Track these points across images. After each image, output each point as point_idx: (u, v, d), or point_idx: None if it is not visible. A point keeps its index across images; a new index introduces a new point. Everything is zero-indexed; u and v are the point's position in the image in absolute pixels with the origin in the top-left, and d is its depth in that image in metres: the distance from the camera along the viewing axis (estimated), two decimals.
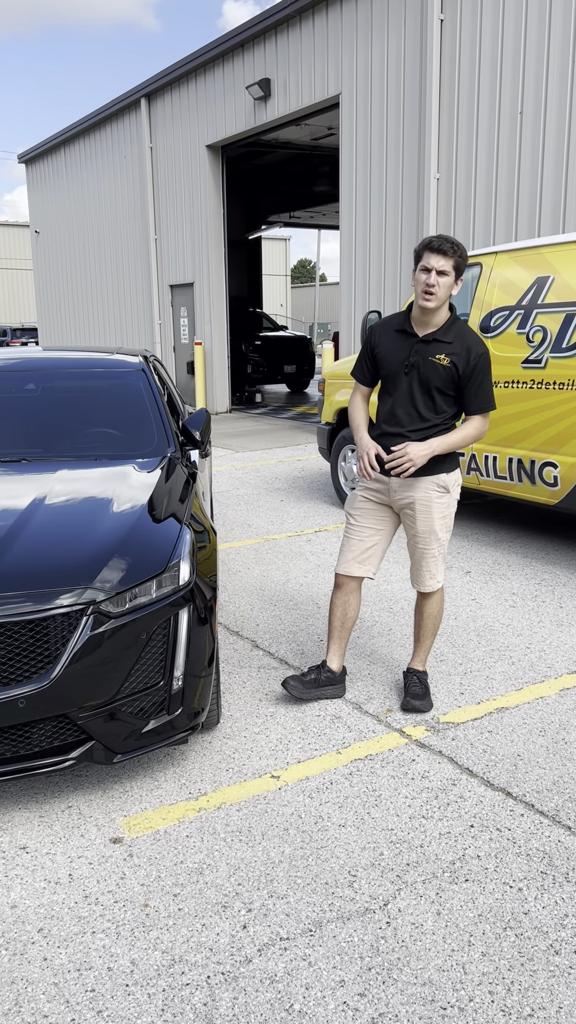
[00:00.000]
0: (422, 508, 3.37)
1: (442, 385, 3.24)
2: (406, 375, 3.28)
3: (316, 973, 2.17)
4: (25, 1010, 2.07)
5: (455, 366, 3.21)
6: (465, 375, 3.22)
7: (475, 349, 3.22)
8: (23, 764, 2.73)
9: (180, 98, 14.56)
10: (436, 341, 3.23)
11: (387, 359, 3.34)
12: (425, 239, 3.17)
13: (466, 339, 3.24)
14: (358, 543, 3.51)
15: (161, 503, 3.33)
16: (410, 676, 3.63)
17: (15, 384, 4.38)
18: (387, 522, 3.50)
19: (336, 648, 3.63)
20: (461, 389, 3.26)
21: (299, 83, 11.62)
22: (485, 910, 2.38)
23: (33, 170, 20.67)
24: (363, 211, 10.90)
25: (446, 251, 3.10)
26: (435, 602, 3.56)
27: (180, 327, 15.85)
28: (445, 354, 3.21)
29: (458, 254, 3.12)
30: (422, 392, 3.27)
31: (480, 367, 3.23)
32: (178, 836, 2.74)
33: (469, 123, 9.20)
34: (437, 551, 3.45)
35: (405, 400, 3.30)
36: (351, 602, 3.59)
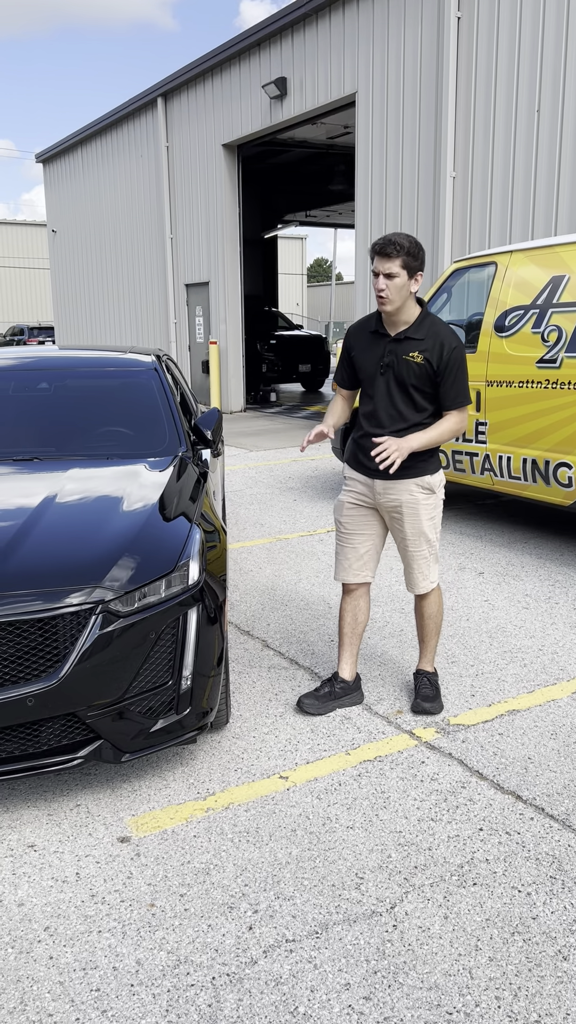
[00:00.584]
0: (409, 511, 3.35)
1: (418, 383, 3.22)
2: (382, 375, 3.27)
3: (321, 976, 2.16)
4: (30, 1008, 2.07)
5: (429, 362, 3.19)
6: (439, 370, 3.20)
7: (448, 344, 3.19)
8: (32, 762, 2.74)
9: (196, 97, 14.58)
10: (408, 339, 3.22)
11: (363, 361, 3.33)
12: (373, 242, 3.15)
13: (439, 334, 3.21)
14: (351, 551, 3.50)
15: (171, 502, 3.32)
16: (420, 678, 3.61)
17: (28, 383, 4.39)
18: (377, 525, 3.48)
19: (348, 656, 3.60)
20: (436, 385, 3.24)
21: (315, 82, 11.60)
22: (493, 914, 2.36)
23: (50, 170, 20.76)
24: (379, 210, 10.87)
25: (389, 253, 3.07)
26: (433, 602, 3.53)
27: (195, 326, 15.87)
28: (418, 351, 3.20)
29: (404, 252, 3.06)
30: (399, 391, 3.26)
31: (454, 361, 3.20)
32: (185, 836, 2.74)
33: (486, 121, 9.15)
34: (428, 552, 3.42)
35: (384, 400, 3.29)
36: (361, 607, 3.57)
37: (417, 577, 3.47)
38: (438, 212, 9.84)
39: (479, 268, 6.10)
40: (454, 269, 6.34)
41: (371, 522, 3.47)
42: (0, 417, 4.20)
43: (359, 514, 3.46)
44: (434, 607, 3.54)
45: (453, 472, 6.22)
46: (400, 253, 3.06)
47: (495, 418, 5.72)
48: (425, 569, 3.45)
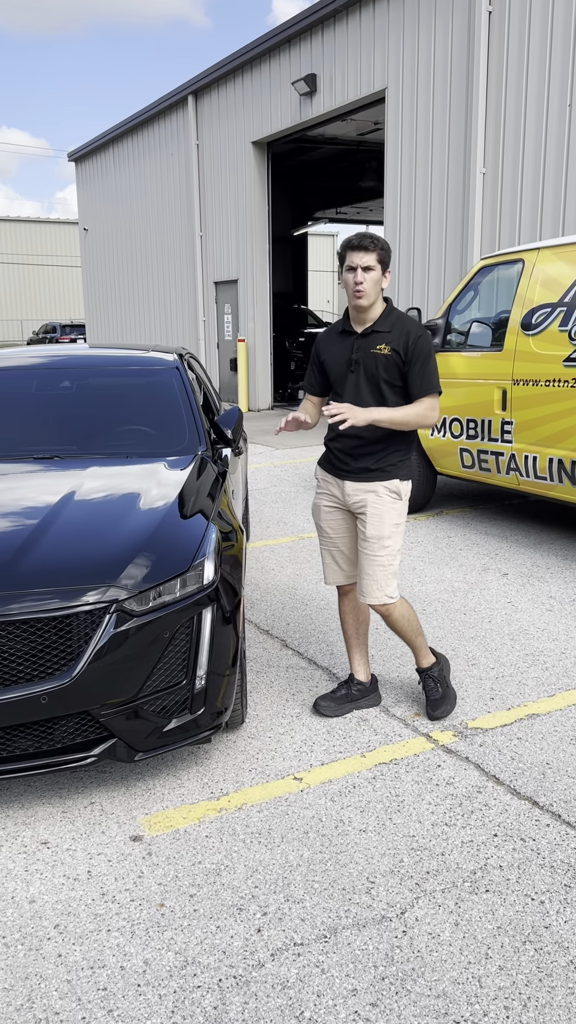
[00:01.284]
0: (374, 512, 3.27)
1: (388, 376, 3.19)
2: (352, 372, 3.24)
3: (328, 980, 2.14)
4: (37, 1006, 2.08)
5: (396, 352, 3.17)
6: (407, 360, 3.17)
7: (413, 333, 3.18)
8: (46, 760, 2.75)
9: (226, 95, 14.59)
10: (374, 333, 3.20)
11: (332, 363, 3.32)
12: (345, 240, 3.14)
13: (404, 325, 3.20)
14: (337, 552, 3.47)
15: (189, 501, 3.32)
16: (424, 678, 3.52)
17: (51, 382, 4.42)
18: (355, 525, 3.41)
19: (359, 657, 3.58)
20: (405, 376, 3.20)
21: (345, 78, 11.55)
22: (505, 922, 2.33)
23: (82, 168, 20.91)
24: (408, 207, 10.80)
25: (367, 246, 3.08)
26: (399, 617, 3.38)
27: (224, 324, 15.89)
28: (385, 343, 3.18)
29: (379, 247, 3.10)
30: (369, 387, 3.22)
31: (420, 349, 3.16)
32: (197, 836, 2.73)
33: (516, 117, 9.04)
34: (387, 560, 3.27)
35: (352, 397, 3.25)
36: (359, 606, 3.54)
37: (370, 585, 3.29)
38: (467, 209, 9.75)
39: (506, 265, 6.03)
40: (481, 266, 6.28)
41: (350, 523, 3.42)
42: (23, 415, 4.23)
43: (337, 516, 3.43)
44: (402, 621, 3.40)
45: (478, 472, 6.16)
46: (376, 247, 3.09)
47: (521, 417, 5.65)
48: (380, 577, 3.28)
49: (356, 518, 3.37)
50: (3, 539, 2.95)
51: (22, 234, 45.56)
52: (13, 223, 45.65)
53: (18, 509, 3.20)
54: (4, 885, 2.52)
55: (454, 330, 6.41)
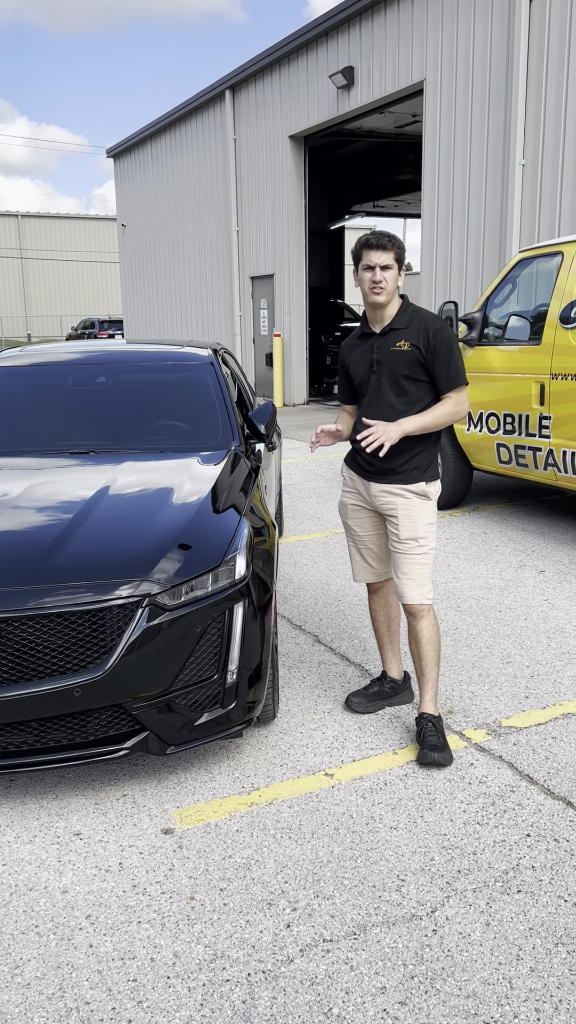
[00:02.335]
0: (405, 514, 3.19)
1: (410, 372, 3.14)
2: (374, 373, 3.20)
3: (357, 978, 2.14)
4: (68, 995, 2.10)
5: (417, 348, 3.12)
6: (429, 354, 3.11)
7: (432, 326, 3.13)
8: (79, 752, 2.78)
9: (264, 89, 14.56)
10: (392, 331, 3.16)
11: (355, 367, 3.28)
12: (360, 239, 3.10)
13: (421, 320, 3.15)
14: (366, 551, 3.42)
15: (221, 496, 3.33)
16: (424, 723, 3.19)
17: (86, 377, 4.45)
18: (381, 522, 3.36)
19: (391, 655, 3.55)
20: (429, 370, 3.15)
21: (383, 70, 11.46)
22: (537, 923, 2.30)
23: (121, 164, 21.04)
24: (446, 199, 10.69)
25: (385, 245, 3.05)
26: (427, 627, 3.22)
27: (260, 319, 15.89)
28: (404, 339, 3.14)
29: (396, 246, 3.08)
30: (391, 385, 3.18)
31: (441, 341, 3.11)
32: (228, 830, 2.74)
33: (557, 107, 8.90)
34: (424, 559, 3.19)
35: (378, 399, 3.21)
36: (390, 603, 3.51)
37: (407, 584, 3.19)
38: (506, 201, 9.62)
39: (545, 258, 5.94)
40: (519, 259, 6.19)
41: (377, 521, 3.36)
42: (59, 410, 4.27)
43: (364, 515, 3.38)
44: (428, 632, 3.22)
45: (515, 467, 6.09)
46: (394, 246, 3.06)
47: (560, 412, 5.57)
48: (418, 576, 3.19)
49: (384, 518, 3.32)
50: (38, 533, 2.98)
51: (61, 230, 46.03)
52: (52, 219, 46.15)
53: (53, 504, 3.24)
54: (37, 875, 2.55)
55: (491, 323, 6.33)
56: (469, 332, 6.37)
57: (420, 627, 3.23)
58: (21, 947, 2.27)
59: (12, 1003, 2.08)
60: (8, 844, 2.70)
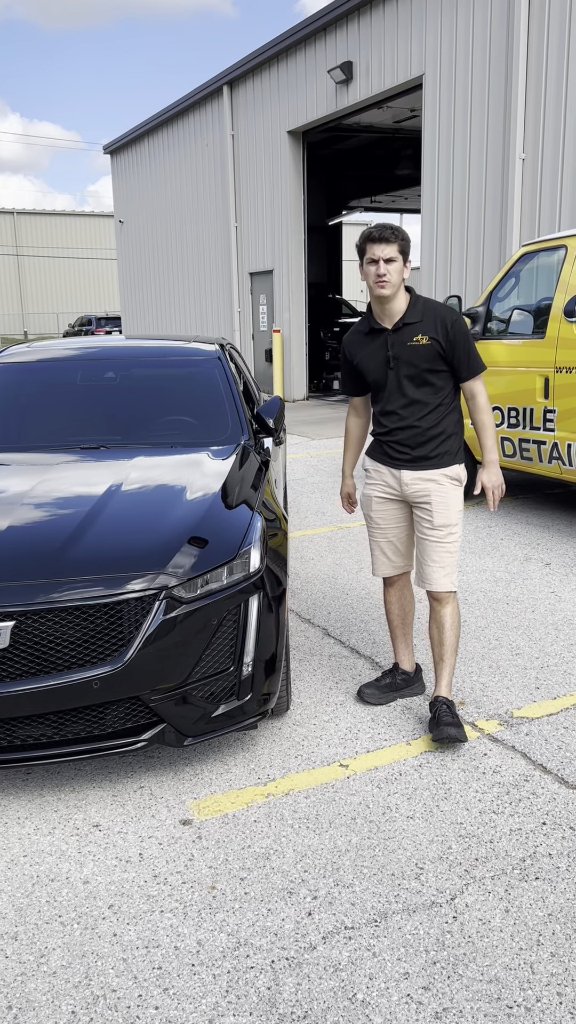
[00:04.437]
0: (439, 501, 3.23)
1: (430, 364, 3.16)
2: (392, 370, 3.20)
3: (380, 964, 2.16)
4: (95, 983, 2.12)
5: (436, 340, 3.13)
6: (448, 346, 3.14)
7: (448, 317, 3.15)
8: (97, 744, 2.80)
9: (262, 84, 14.55)
10: (407, 325, 3.16)
11: (366, 364, 3.27)
12: (364, 232, 3.10)
13: (435, 312, 3.17)
14: (387, 544, 3.43)
15: (233, 491, 3.35)
16: (438, 704, 3.26)
17: (95, 373, 4.46)
18: (408, 515, 3.39)
19: (403, 647, 3.57)
20: (449, 361, 3.17)
21: (381, 65, 11.46)
22: (556, 910, 2.33)
23: (118, 160, 21.00)
24: (445, 194, 10.70)
25: (388, 238, 3.04)
26: (451, 611, 3.28)
27: (259, 314, 15.89)
28: (421, 333, 3.14)
29: (400, 238, 3.07)
30: (412, 380, 3.19)
31: (458, 332, 3.14)
32: (246, 820, 2.76)
33: (557, 101, 8.91)
34: (454, 546, 3.26)
35: (397, 394, 3.22)
36: (406, 596, 3.53)
37: (435, 571, 3.25)
38: (506, 195, 9.64)
39: (549, 252, 5.96)
40: (522, 253, 6.21)
41: (401, 513, 3.39)
42: (69, 406, 4.28)
43: (389, 507, 3.39)
44: (451, 618, 3.29)
45: (519, 461, 6.11)
46: (397, 238, 3.06)
47: (564, 405, 5.59)
48: (446, 563, 3.25)
49: (413, 508, 3.33)
50: (54, 528, 3.00)
51: (57, 227, 45.96)
52: (48, 216, 46.06)
53: (67, 498, 3.25)
54: (59, 866, 2.57)
55: (495, 318, 6.35)
56: (473, 326, 6.38)
57: (444, 612, 3.29)
58: (46, 936, 2.29)
59: (39, 991, 2.11)
60: (28, 836, 2.72)
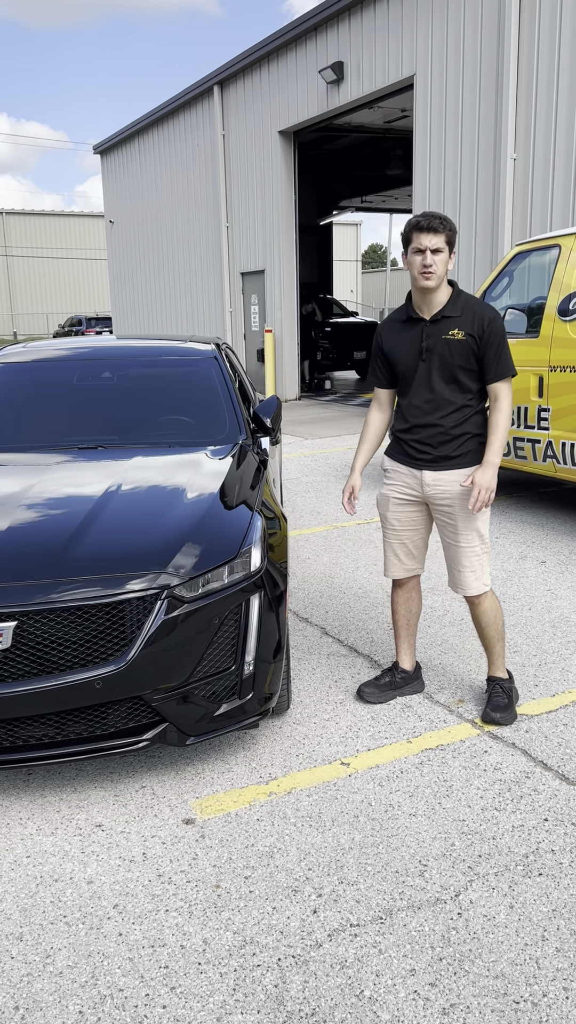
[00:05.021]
0: (462, 503, 3.20)
1: (463, 361, 3.12)
2: (423, 361, 3.16)
3: (386, 961, 2.17)
4: (101, 983, 2.12)
5: (471, 337, 3.09)
6: (482, 344, 3.10)
7: (486, 315, 3.10)
8: (99, 744, 2.79)
9: (252, 84, 14.55)
10: (445, 318, 3.12)
11: (398, 352, 3.23)
12: (411, 220, 3.05)
13: (475, 308, 3.12)
14: (400, 546, 3.42)
15: (233, 490, 3.35)
16: (492, 686, 3.40)
17: (92, 373, 4.46)
18: (425, 518, 3.37)
19: (406, 648, 3.58)
20: (480, 359, 3.13)
21: (372, 65, 11.47)
22: (560, 905, 2.34)
23: (108, 161, 20.96)
24: (437, 193, 10.72)
25: (436, 228, 3.00)
26: (489, 609, 3.32)
27: (251, 314, 15.89)
28: (457, 328, 3.11)
29: (448, 228, 3.02)
30: (442, 374, 3.15)
31: (494, 331, 3.09)
32: (249, 819, 2.76)
33: (548, 100, 8.94)
34: (480, 548, 3.25)
35: (424, 388, 3.19)
36: (413, 598, 3.52)
37: (467, 576, 3.27)
38: (498, 195, 9.67)
39: (542, 251, 5.99)
40: (516, 252, 6.23)
41: (419, 515, 3.37)
42: (66, 406, 4.28)
43: (406, 509, 3.36)
44: (490, 613, 3.33)
45: (514, 459, 6.13)
46: (445, 228, 3.02)
47: (558, 404, 5.62)
48: (477, 566, 3.26)
49: (435, 512, 3.30)
50: (55, 528, 2.99)
51: (46, 228, 45.84)
52: (37, 216, 45.94)
53: (67, 499, 3.24)
54: (62, 866, 2.56)
55: None
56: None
57: (481, 611, 3.33)
58: (51, 937, 2.28)
59: (46, 991, 2.10)
60: (31, 836, 2.71)
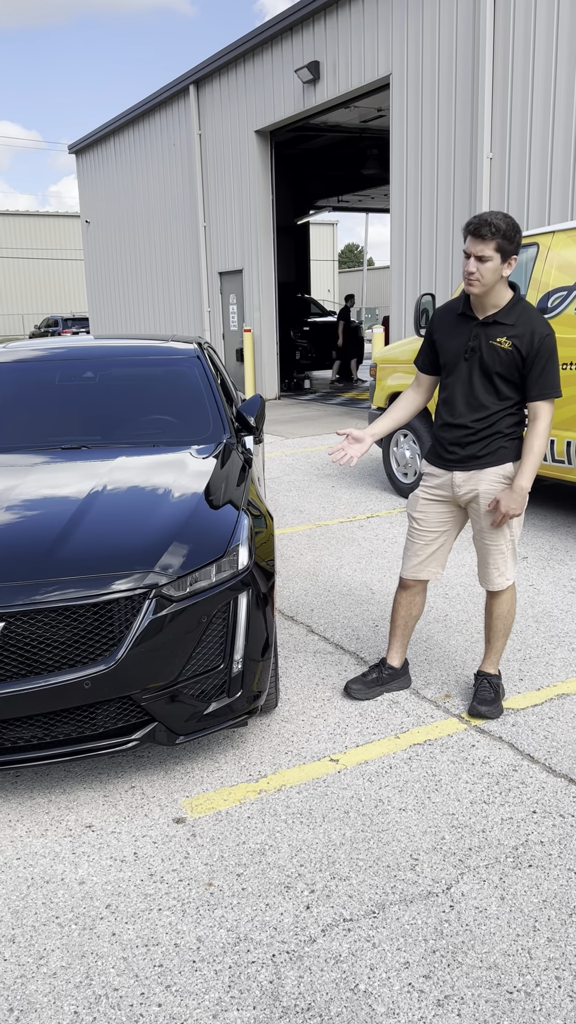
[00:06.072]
0: (487, 502, 3.19)
1: (503, 370, 3.05)
2: (466, 360, 3.11)
3: (380, 954, 2.18)
4: (96, 983, 2.12)
5: (517, 349, 3.02)
6: (528, 359, 3.02)
7: (539, 331, 3.01)
8: (88, 744, 2.78)
9: (229, 84, 14.53)
10: (497, 323, 3.05)
11: (446, 344, 3.19)
12: (467, 221, 2.95)
13: (530, 321, 3.02)
14: (423, 547, 3.38)
15: (219, 489, 3.35)
16: (480, 680, 3.45)
17: (74, 373, 4.44)
18: (452, 521, 3.35)
19: (398, 646, 3.58)
20: (523, 374, 3.09)
21: (348, 65, 11.50)
22: (550, 896, 2.37)
23: (83, 160, 20.84)
24: (414, 193, 10.77)
25: (484, 235, 2.88)
26: (505, 601, 3.35)
27: (229, 314, 15.88)
28: (506, 337, 3.03)
29: (500, 235, 2.87)
30: (482, 378, 3.10)
31: (544, 350, 3.01)
32: (240, 817, 2.77)
33: (523, 100, 9.01)
34: (507, 547, 3.25)
35: (464, 387, 3.14)
36: (416, 602, 3.51)
37: (492, 573, 3.30)
38: (475, 194, 9.73)
39: (521, 249, 6.02)
40: None
41: (446, 519, 3.34)
42: (48, 406, 4.25)
43: (434, 510, 3.33)
44: (506, 606, 3.36)
45: None
46: (496, 236, 2.87)
47: None
48: (501, 564, 3.28)
49: (468, 510, 3.29)
50: (41, 528, 2.98)
51: (21, 228, 45.51)
52: (12, 217, 45.59)
53: (52, 499, 3.23)
54: (53, 867, 2.55)
55: None
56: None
57: (497, 603, 3.37)
58: (44, 938, 2.27)
59: (40, 992, 2.09)
60: (20, 838, 2.70)
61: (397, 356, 7.21)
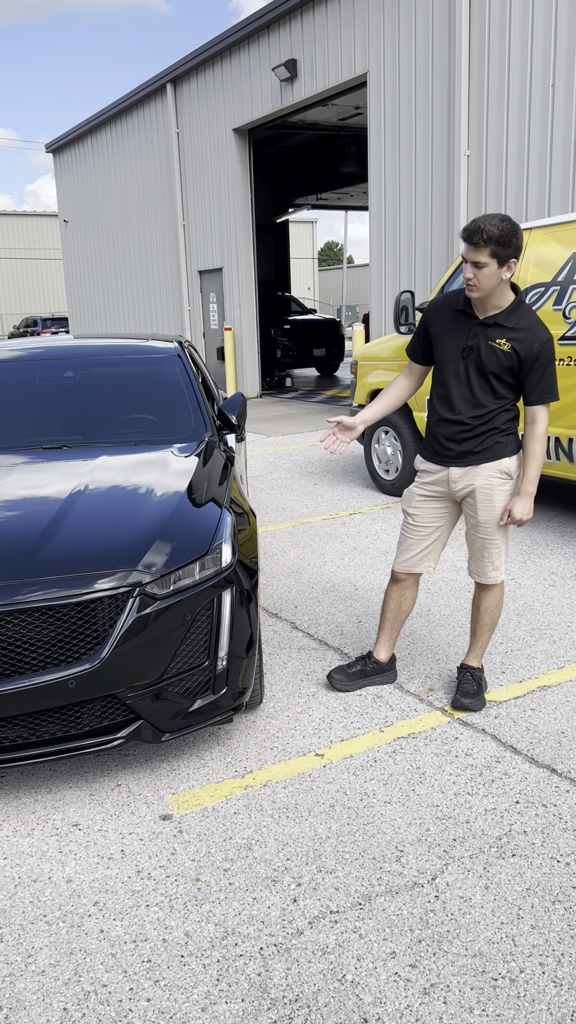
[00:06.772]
0: (483, 497, 3.21)
1: (500, 372, 3.06)
2: (463, 359, 3.11)
3: (367, 945, 2.20)
4: (85, 979, 2.13)
5: (516, 352, 3.02)
6: (527, 363, 3.03)
7: (538, 336, 3.01)
8: (74, 743, 2.79)
9: (206, 82, 14.52)
10: (497, 325, 3.05)
11: (443, 340, 3.18)
12: (466, 224, 2.94)
13: (530, 325, 3.03)
14: (417, 542, 3.39)
15: (201, 487, 3.36)
16: (463, 673, 3.48)
17: (54, 372, 4.43)
18: (446, 516, 3.37)
19: (386, 640, 3.60)
20: (521, 377, 3.08)
21: (326, 63, 11.52)
22: (533, 884, 2.40)
23: (61, 159, 20.75)
24: (392, 190, 10.81)
25: (476, 243, 2.87)
26: (494, 595, 3.39)
27: (209, 313, 15.86)
28: (506, 339, 3.03)
29: (493, 242, 2.85)
30: (479, 377, 3.11)
31: (543, 355, 3.02)
32: (226, 813, 2.78)
33: (500, 98, 9.07)
34: (501, 542, 3.29)
35: (461, 385, 3.15)
36: (407, 596, 3.52)
37: (486, 566, 3.33)
38: (452, 191, 9.78)
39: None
40: None
41: (441, 515, 3.35)
42: (28, 406, 4.24)
43: (429, 506, 3.34)
44: (494, 600, 3.40)
45: None
46: (488, 243, 2.86)
47: None
48: (496, 558, 3.31)
49: (463, 504, 3.31)
50: (23, 528, 2.97)
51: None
52: None
53: (33, 499, 3.23)
54: (40, 866, 2.56)
55: None
56: None
57: (485, 596, 3.41)
58: (32, 936, 2.28)
59: (29, 990, 2.10)
60: (7, 838, 2.70)
61: (378, 353, 7.24)
